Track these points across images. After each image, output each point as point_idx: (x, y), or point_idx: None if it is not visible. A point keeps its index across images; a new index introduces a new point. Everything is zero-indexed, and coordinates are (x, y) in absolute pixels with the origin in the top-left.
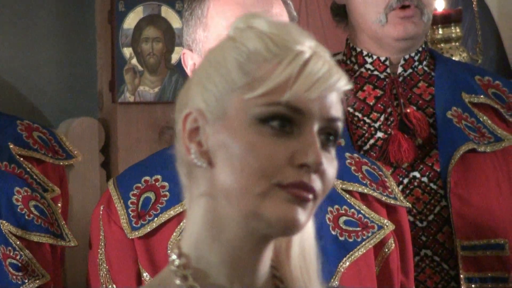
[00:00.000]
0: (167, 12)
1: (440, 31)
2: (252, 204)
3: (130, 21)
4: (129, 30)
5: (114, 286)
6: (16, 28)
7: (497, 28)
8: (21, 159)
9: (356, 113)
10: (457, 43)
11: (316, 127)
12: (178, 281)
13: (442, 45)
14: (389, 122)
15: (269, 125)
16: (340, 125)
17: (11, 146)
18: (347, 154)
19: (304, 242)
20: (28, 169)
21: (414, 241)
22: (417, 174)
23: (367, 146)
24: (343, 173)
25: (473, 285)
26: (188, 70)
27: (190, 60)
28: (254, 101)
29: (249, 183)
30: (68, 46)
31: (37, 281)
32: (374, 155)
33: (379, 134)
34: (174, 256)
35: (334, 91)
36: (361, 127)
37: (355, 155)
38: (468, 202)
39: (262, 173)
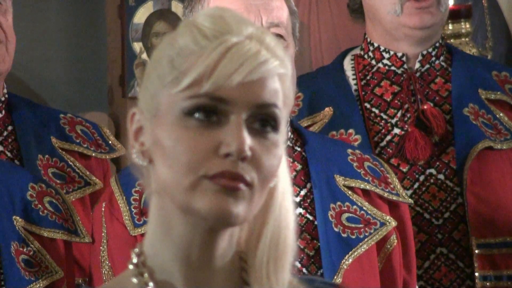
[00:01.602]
0: (177, 7)
1: (450, 27)
2: (184, 197)
3: (140, 15)
4: (139, 24)
5: None
6: (26, 22)
7: (507, 23)
8: (63, 152)
9: (373, 109)
10: (466, 39)
11: (244, 114)
12: (134, 279)
13: (452, 40)
14: (406, 119)
15: (194, 117)
16: (276, 111)
17: (53, 140)
18: (349, 151)
19: (280, 232)
20: (70, 163)
21: (429, 239)
22: (433, 171)
23: (384, 143)
24: (345, 170)
25: (488, 283)
26: None
27: None
28: (180, 95)
29: (179, 177)
30: (78, 41)
31: (50, 277)
32: (391, 151)
33: (396, 131)
34: (133, 255)
35: (261, 74)
36: (378, 123)
37: (357, 151)
38: (484, 200)
39: (189, 166)
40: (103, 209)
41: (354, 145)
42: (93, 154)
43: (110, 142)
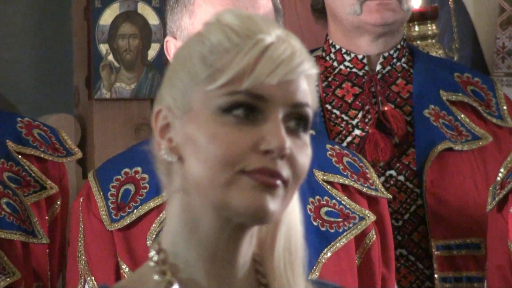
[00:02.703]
0: (143, 9)
1: (417, 28)
2: (220, 194)
3: (107, 17)
4: (106, 26)
5: (93, 278)
6: None
7: (473, 25)
8: (19, 156)
9: (334, 111)
10: (433, 40)
11: (281, 113)
12: (156, 276)
13: (418, 42)
14: (366, 120)
15: (232, 114)
16: (309, 110)
17: (9, 143)
18: (328, 146)
19: (291, 235)
20: (26, 167)
21: None
22: (393, 172)
23: (345, 144)
24: (324, 165)
25: (447, 285)
26: (171, 57)
27: (173, 47)
28: (216, 92)
29: (214, 173)
30: (44, 43)
31: (8, 279)
32: None
33: (357, 132)
34: (153, 252)
35: (297, 75)
36: (339, 124)
37: (336, 146)
38: (444, 201)
39: (226, 161)
40: (80, 204)
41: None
42: (50, 158)
43: (67, 146)
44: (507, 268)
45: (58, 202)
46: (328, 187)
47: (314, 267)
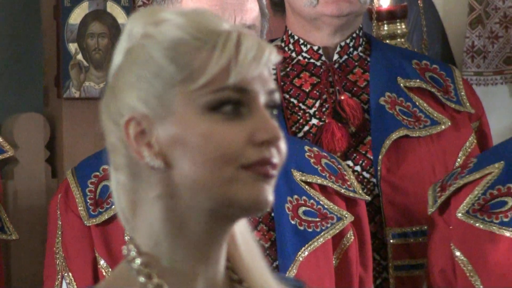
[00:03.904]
0: (112, 8)
1: (386, 27)
2: (223, 192)
3: (76, 16)
4: (75, 25)
5: (70, 274)
6: None
7: (442, 24)
8: None
9: (292, 99)
10: (402, 39)
11: (262, 102)
12: (142, 279)
13: (387, 41)
14: (324, 109)
15: (220, 111)
16: (277, 95)
17: None
18: (307, 147)
19: (241, 228)
20: None
21: None
22: (350, 163)
23: (302, 133)
24: (303, 165)
25: (403, 273)
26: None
27: None
28: (199, 91)
29: (214, 172)
30: (13, 42)
31: None
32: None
33: (314, 121)
34: (133, 253)
35: (271, 63)
36: (296, 113)
37: (315, 148)
38: (400, 189)
39: (225, 159)
40: (58, 200)
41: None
42: None
43: None
44: (450, 271)
45: None
46: (306, 187)
47: (292, 265)
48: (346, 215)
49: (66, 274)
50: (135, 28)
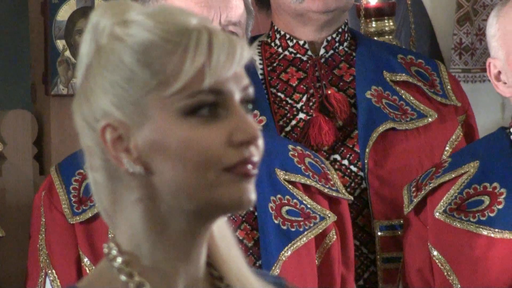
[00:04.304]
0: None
1: (374, 24)
2: (207, 195)
3: (63, 13)
4: (63, 22)
5: (54, 271)
6: None
7: (430, 21)
8: None
9: (279, 94)
10: (390, 37)
11: (237, 100)
12: (124, 277)
13: (375, 38)
14: (311, 104)
15: (197, 114)
16: (252, 89)
17: None
18: (290, 146)
19: (218, 222)
20: None
21: None
22: (337, 157)
23: (289, 127)
24: (286, 164)
25: (390, 265)
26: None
27: None
28: (175, 97)
29: (197, 177)
30: (1, 39)
31: None
32: (296, 136)
33: (301, 115)
34: (114, 252)
35: (244, 60)
36: (284, 107)
37: (298, 147)
38: (388, 181)
39: (207, 164)
40: (42, 197)
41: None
42: None
43: None
44: (427, 270)
45: None
46: (290, 186)
47: (275, 265)
48: (329, 215)
49: (49, 272)
50: (102, 23)
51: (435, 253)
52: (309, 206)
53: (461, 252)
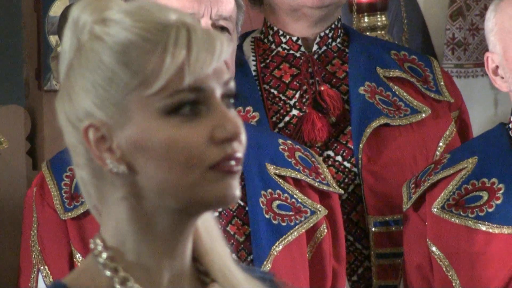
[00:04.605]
0: None
1: (366, 20)
2: (191, 193)
3: (56, 8)
4: (55, 17)
5: (46, 267)
6: None
7: (423, 16)
8: None
9: (272, 90)
10: (383, 32)
11: (218, 95)
12: (108, 273)
13: (368, 33)
14: (304, 100)
15: (179, 113)
16: (233, 83)
17: None
18: (280, 140)
19: (203, 217)
20: None
21: None
22: (331, 153)
23: (282, 124)
24: (276, 159)
25: (385, 261)
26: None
27: None
28: (155, 96)
29: (181, 176)
30: None
31: None
32: (289, 132)
33: (294, 112)
34: (100, 248)
35: (224, 55)
36: (277, 103)
37: (288, 141)
38: (382, 177)
39: (190, 163)
40: (33, 193)
41: (252, 122)
42: None
43: None
44: (426, 266)
45: None
46: (280, 180)
47: (266, 260)
48: (320, 209)
49: (42, 267)
50: (82, 19)
51: (433, 249)
52: (300, 200)
53: (460, 248)
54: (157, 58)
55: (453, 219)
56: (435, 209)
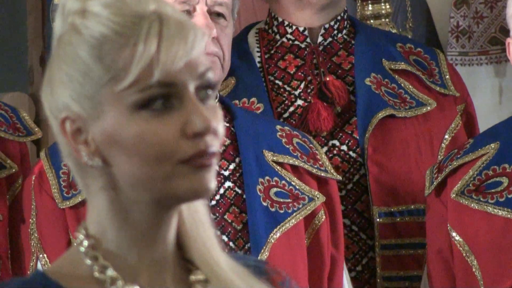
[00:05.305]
0: None
1: (370, 7)
2: (163, 187)
3: None
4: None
5: (45, 255)
6: None
7: (427, 4)
8: None
9: (277, 81)
10: (387, 20)
11: (192, 89)
12: (88, 261)
13: (371, 21)
14: (309, 90)
15: (150, 108)
16: (211, 74)
17: None
18: (278, 127)
19: (190, 207)
20: None
21: None
22: (336, 142)
23: (287, 114)
24: (274, 145)
25: (390, 252)
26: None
27: None
28: (126, 91)
29: (152, 170)
30: None
31: None
32: (294, 122)
33: (299, 102)
34: (81, 237)
35: (197, 47)
36: (282, 94)
37: (286, 127)
38: (387, 168)
39: (161, 157)
40: (32, 182)
41: (257, 113)
42: (11, 138)
43: (28, 125)
44: (447, 251)
45: (20, 182)
46: (278, 167)
47: (264, 247)
48: (318, 196)
49: (41, 256)
50: (67, 6)
51: (453, 234)
52: (297, 187)
53: (479, 233)
54: (128, 52)
55: (472, 205)
56: (453, 195)
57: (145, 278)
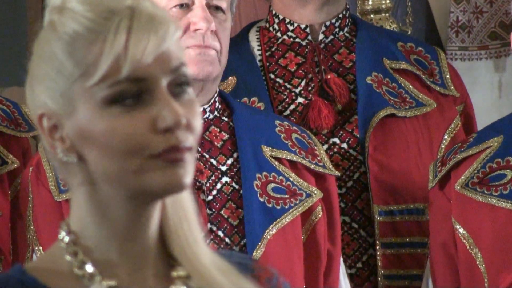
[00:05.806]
0: None
1: (370, 2)
2: (134, 182)
3: None
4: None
5: (41, 248)
6: None
7: None
8: None
9: (278, 79)
10: (387, 14)
11: (164, 84)
12: (68, 257)
13: (372, 16)
14: (309, 88)
15: (120, 104)
16: (185, 68)
17: None
18: (277, 122)
19: (175, 202)
20: None
21: None
22: (336, 140)
23: (288, 112)
24: (273, 141)
25: (390, 251)
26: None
27: None
28: (96, 87)
29: (123, 165)
30: None
31: None
32: (295, 120)
33: (300, 100)
34: (63, 234)
35: (168, 41)
36: (282, 92)
37: (285, 122)
38: (387, 167)
39: (130, 151)
40: (30, 174)
41: (256, 108)
42: (12, 133)
43: (30, 120)
44: (451, 245)
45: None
46: (276, 163)
47: (260, 243)
48: (315, 192)
49: (36, 248)
50: (51, 1)
51: (457, 227)
52: (295, 183)
53: (483, 226)
54: (98, 48)
55: (476, 197)
56: (458, 187)
57: (125, 273)
